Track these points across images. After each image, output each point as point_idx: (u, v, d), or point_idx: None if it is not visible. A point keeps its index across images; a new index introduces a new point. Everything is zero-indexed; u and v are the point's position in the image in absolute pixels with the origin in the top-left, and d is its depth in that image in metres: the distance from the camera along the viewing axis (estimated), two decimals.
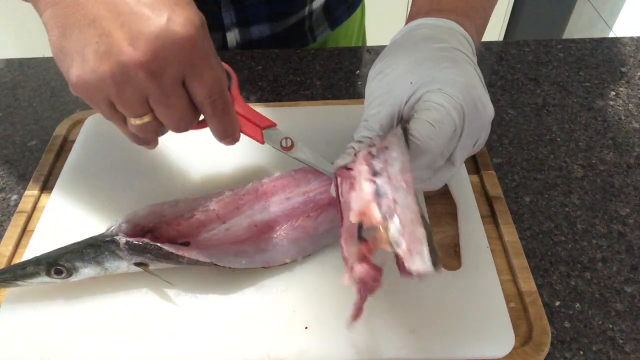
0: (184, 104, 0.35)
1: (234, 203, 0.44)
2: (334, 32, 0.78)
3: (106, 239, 0.40)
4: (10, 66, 0.69)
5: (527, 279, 0.42)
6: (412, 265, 0.30)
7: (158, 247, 0.39)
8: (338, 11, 0.77)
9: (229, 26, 0.70)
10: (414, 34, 0.40)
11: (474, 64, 0.39)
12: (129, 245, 0.40)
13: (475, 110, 0.36)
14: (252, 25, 0.71)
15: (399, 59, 0.39)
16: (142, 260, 0.41)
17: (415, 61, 0.37)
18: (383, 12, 1.94)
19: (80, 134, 0.56)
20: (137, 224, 0.41)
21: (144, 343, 0.39)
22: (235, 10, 0.68)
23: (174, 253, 0.39)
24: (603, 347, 0.40)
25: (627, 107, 0.60)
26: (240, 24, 0.70)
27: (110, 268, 0.40)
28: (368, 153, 0.35)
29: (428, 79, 0.36)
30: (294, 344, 0.39)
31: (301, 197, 0.45)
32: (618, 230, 0.48)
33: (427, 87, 0.36)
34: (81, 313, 0.41)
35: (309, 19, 0.74)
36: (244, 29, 0.71)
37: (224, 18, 0.69)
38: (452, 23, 0.40)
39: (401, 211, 0.32)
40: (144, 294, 0.42)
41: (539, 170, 0.53)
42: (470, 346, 0.38)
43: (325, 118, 0.56)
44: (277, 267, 0.43)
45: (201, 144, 0.54)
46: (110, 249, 0.40)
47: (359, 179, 0.34)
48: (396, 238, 0.31)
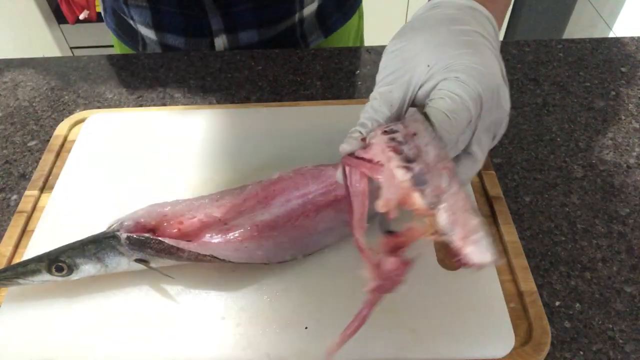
0: None
1: (235, 209, 0.44)
2: (327, 39, 0.76)
3: (107, 235, 0.41)
4: (10, 66, 0.69)
5: (527, 279, 0.42)
6: (472, 256, 0.29)
7: (159, 241, 0.40)
8: (332, 18, 0.75)
9: (217, 32, 0.69)
10: (436, 12, 0.39)
11: (495, 50, 0.37)
12: (130, 240, 0.40)
13: (492, 100, 0.35)
14: (240, 31, 0.70)
15: (417, 39, 0.37)
16: (142, 256, 0.41)
17: (434, 44, 0.36)
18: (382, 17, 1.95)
19: (80, 134, 0.56)
20: (138, 223, 0.42)
21: (143, 342, 0.39)
22: (222, 15, 0.68)
23: (175, 246, 0.40)
24: (603, 347, 0.40)
25: (627, 107, 0.60)
26: (228, 30, 0.70)
27: (110, 265, 0.41)
28: (391, 139, 0.33)
29: (446, 65, 0.35)
30: (294, 344, 0.39)
31: (300, 200, 0.45)
32: (618, 230, 0.48)
33: (444, 74, 0.35)
34: (81, 312, 0.41)
35: (299, 25, 0.72)
36: (232, 35, 0.70)
37: (211, 24, 0.68)
38: (476, 3, 0.39)
39: (450, 199, 0.30)
40: (144, 293, 0.42)
41: (539, 170, 0.53)
42: (470, 346, 0.38)
43: (325, 118, 0.56)
44: (277, 267, 0.43)
45: (201, 144, 0.54)
46: (111, 244, 0.40)
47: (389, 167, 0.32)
48: (448, 227, 0.29)
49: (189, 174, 0.51)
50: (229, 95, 0.63)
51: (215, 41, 0.70)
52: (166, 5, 0.67)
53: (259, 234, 0.44)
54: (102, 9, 0.78)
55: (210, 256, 0.40)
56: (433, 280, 0.42)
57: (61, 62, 0.69)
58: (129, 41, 0.76)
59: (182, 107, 0.60)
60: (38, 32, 1.89)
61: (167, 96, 0.63)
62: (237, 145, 0.54)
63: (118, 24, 0.76)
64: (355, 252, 0.44)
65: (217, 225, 0.43)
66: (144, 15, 0.69)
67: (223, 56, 0.69)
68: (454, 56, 0.35)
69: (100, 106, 0.62)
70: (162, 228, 0.43)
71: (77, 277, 0.41)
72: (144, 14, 0.69)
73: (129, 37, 0.75)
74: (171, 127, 0.56)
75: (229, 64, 0.67)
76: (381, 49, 0.70)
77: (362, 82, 0.65)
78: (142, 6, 0.68)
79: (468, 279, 0.42)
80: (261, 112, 0.58)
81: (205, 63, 0.68)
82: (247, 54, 0.69)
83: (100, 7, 0.79)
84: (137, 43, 0.75)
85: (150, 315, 0.41)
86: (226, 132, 0.56)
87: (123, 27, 0.75)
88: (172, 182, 0.51)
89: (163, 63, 0.68)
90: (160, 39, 0.72)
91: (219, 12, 0.67)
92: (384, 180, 0.32)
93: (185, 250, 0.40)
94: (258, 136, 0.55)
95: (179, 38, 0.71)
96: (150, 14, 0.69)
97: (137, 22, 0.71)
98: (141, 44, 0.75)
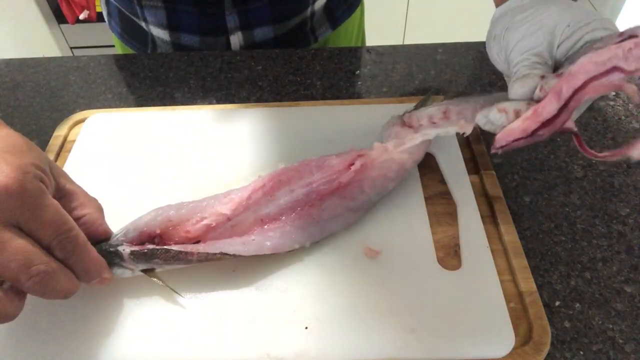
0: (20, 247, 0.32)
1: (242, 203, 0.44)
2: (334, 32, 0.79)
3: (110, 250, 0.39)
4: (10, 66, 0.69)
5: (527, 279, 0.42)
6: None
7: (166, 250, 0.39)
8: (339, 11, 0.78)
9: (233, 29, 0.70)
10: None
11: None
12: (134, 254, 0.39)
13: None
14: (255, 28, 0.71)
15: (547, 5, 0.39)
16: (148, 266, 0.40)
17: (566, 9, 0.38)
18: (382, 17, 1.95)
19: (80, 134, 0.56)
20: (143, 231, 0.41)
21: (144, 343, 0.39)
22: (239, 13, 0.68)
23: (183, 252, 0.39)
24: (603, 347, 0.40)
25: (627, 107, 0.60)
26: (243, 27, 0.70)
27: (115, 274, 0.40)
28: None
29: (584, 24, 0.37)
30: (294, 344, 0.39)
31: (304, 189, 0.45)
32: (618, 230, 0.48)
33: (586, 30, 0.37)
34: (81, 314, 0.41)
35: (310, 19, 0.74)
36: (248, 32, 0.71)
37: (227, 22, 0.69)
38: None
39: None
40: (144, 293, 0.42)
41: (539, 170, 0.53)
42: (470, 346, 0.38)
43: (325, 118, 0.56)
44: (277, 266, 0.43)
45: (201, 144, 0.54)
46: (114, 261, 0.39)
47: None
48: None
49: (189, 174, 0.51)
50: (229, 95, 0.63)
51: (230, 39, 0.71)
52: (182, 5, 0.68)
53: (265, 227, 0.44)
54: (105, 14, 0.78)
55: (220, 254, 0.40)
56: (433, 280, 0.42)
57: (61, 62, 0.69)
58: (137, 44, 0.76)
59: (182, 107, 0.60)
60: (38, 32, 1.89)
61: (167, 96, 0.63)
62: (238, 145, 0.54)
63: (125, 27, 0.76)
64: (355, 253, 0.44)
65: (223, 224, 0.43)
66: (158, 15, 0.69)
67: (223, 56, 0.69)
68: (589, 16, 0.38)
69: (100, 106, 0.62)
70: (168, 233, 0.42)
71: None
72: (159, 14, 0.69)
73: (137, 40, 0.75)
74: (171, 127, 0.56)
75: (229, 64, 0.67)
76: (381, 49, 0.70)
77: (362, 82, 0.65)
78: (157, 7, 0.68)
79: (468, 279, 0.42)
80: (261, 112, 0.58)
81: (205, 63, 0.68)
82: (247, 54, 0.69)
83: (104, 11, 0.78)
84: (145, 45, 0.75)
85: (150, 316, 0.41)
86: (226, 132, 0.56)
87: (131, 30, 0.75)
88: (172, 182, 0.51)
89: (163, 63, 0.68)
90: (174, 39, 0.72)
91: (236, 10, 0.68)
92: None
93: (195, 253, 0.40)
94: (258, 136, 0.55)
95: (194, 37, 0.71)
96: (165, 14, 0.69)
97: (149, 24, 0.71)
98: (150, 46, 0.75)
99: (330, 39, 0.79)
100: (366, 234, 0.46)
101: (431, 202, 0.49)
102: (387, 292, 0.41)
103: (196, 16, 0.69)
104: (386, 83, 0.65)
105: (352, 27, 0.82)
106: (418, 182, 0.50)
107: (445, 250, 0.45)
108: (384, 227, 0.46)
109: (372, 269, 0.43)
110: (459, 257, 0.44)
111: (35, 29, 1.87)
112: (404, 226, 0.46)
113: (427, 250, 0.44)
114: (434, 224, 0.47)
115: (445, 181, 0.50)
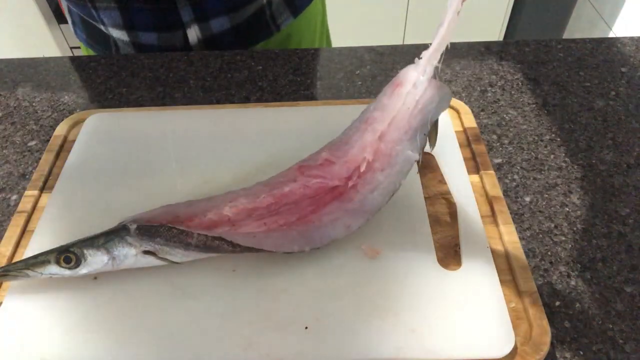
0: None
1: (246, 212, 0.44)
2: (296, 20, 0.78)
3: (117, 227, 0.41)
4: (10, 66, 0.69)
5: (527, 279, 0.42)
6: None
7: (168, 228, 0.40)
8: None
9: (188, 23, 0.70)
10: None
11: None
12: (140, 229, 0.41)
13: None
14: (210, 19, 0.71)
15: None
16: (151, 247, 0.41)
17: None
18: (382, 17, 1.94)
19: (80, 134, 0.56)
20: (149, 221, 0.42)
21: (143, 343, 0.39)
22: (192, 5, 0.68)
23: (185, 231, 0.40)
24: (603, 347, 0.40)
25: (627, 107, 0.60)
26: (199, 20, 0.70)
27: (118, 257, 0.41)
28: None
29: None
30: (294, 344, 0.39)
31: (308, 200, 0.45)
32: (618, 230, 0.48)
33: None
34: (81, 313, 0.41)
35: (268, 7, 0.74)
36: (204, 24, 0.71)
37: (182, 15, 0.69)
38: None
39: None
40: (144, 294, 0.42)
41: (539, 170, 0.53)
42: (470, 346, 0.38)
43: (325, 118, 0.56)
44: (277, 266, 0.43)
45: (201, 144, 0.54)
46: (120, 235, 0.41)
47: None
48: None
49: (189, 174, 0.51)
50: (229, 95, 0.63)
51: (187, 33, 0.71)
52: (135, 2, 0.68)
53: (267, 229, 0.44)
54: (70, 23, 0.78)
55: (219, 240, 0.40)
56: (433, 280, 0.42)
57: (61, 62, 0.69)
58: (102, 49, 0.76)
59: (182, 107, 0.60)
60: (38, 32, 1.89)
61: (167, 96, 0.63)
62: (238, 145, 0.54)
63: (89, 33, 0.76)
64: (355, 252, 0.44)
65: (226, 225, 0.43)
66: (113, 16, 0.69)
67: (223, 56, 0.69)
68: None
69: (100, 106, 0.62)
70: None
71: (84, 272, 0.41)
72: (114, 15, 0.69)
73: (101, 45, 0.75)
74: (171, 127, 0.56)
75: (229, 64, 0.67)
76: (381, 49, 0.70)
77: (362, 82, 0.65)
78: (110, 7, 0.68)
79: (468, 279, 0.42)
80: (261, 112, 0.58)
81: (205, 63, 0.68)
82: (247, 54, 0.69)
83: (69, 20, 0.78)
84: (109, 49, 0.75)
85: (150, 316, 0.41)
86: (226, 132, 0.56)
87: (94, 36, 0.75)
88: (172, 182, 0.51)
89: (163, 63, 0.68)
90: (133, 39, 0.72)
91: (189, 2, 0.68)
92: None
93: (194, 234, 0.40)
94: (258, 136, 0.55)
95: (152, 35, 0.71)
96: (119, 14, 0.69)
97: (107, 26, 0.71)
98: (114, 49, 0.75)
99: (294, 28, 0.78)
100: (366, 234, 0.46)
101: (431, 202, 0.49)
102: (387, 292, 0.42)
103: (150, 13, 0.69)
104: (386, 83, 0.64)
105: (314, 17, 0.82)
106: (418, 182, 0.50)
107: (445, 250, 0.45)
108: (384, 227, 0.46)
109: (372, 269, 0.43)
110: (459, 257, 0.44)
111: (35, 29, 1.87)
112: (404, 226, 0.46)
113: (427, 250, 0.44)
114: (434, 224, 0.47)
115: (445, 181, 0.50)
